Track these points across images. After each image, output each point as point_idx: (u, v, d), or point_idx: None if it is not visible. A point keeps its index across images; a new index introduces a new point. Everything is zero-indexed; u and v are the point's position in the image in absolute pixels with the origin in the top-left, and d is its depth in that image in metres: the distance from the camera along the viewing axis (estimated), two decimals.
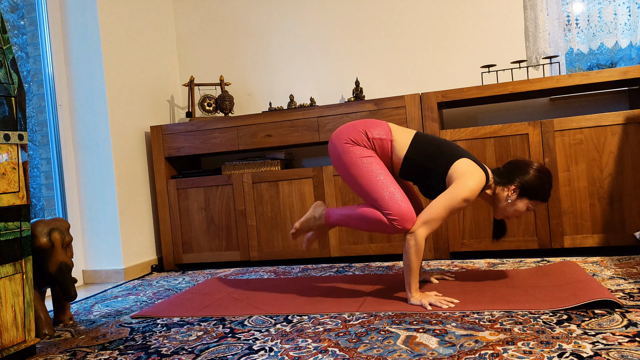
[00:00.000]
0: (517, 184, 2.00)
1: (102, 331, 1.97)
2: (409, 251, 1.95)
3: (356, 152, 2.03)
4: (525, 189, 1.99)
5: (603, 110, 3.04)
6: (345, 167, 2.05)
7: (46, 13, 3.01)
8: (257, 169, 3.16)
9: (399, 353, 1.47)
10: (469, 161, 2.00)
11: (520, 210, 2.02)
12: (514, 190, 2.01)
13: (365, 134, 2.06)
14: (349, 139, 2.06)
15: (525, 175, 2.00)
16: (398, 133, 2.08)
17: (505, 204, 2.03)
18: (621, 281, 2.06)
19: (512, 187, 2.01)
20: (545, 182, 2.00)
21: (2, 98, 1.64)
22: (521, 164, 2.04)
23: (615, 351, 1.35)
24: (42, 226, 1.98)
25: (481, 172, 1.98)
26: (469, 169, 1.97)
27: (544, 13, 3.09)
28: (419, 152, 2.03)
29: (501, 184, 2.04)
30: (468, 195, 1.92)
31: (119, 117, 3.14)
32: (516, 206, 2.02)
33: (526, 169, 2.01)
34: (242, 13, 3.68)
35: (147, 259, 3.27)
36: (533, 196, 2.00)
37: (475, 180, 1.94)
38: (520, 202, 2.01)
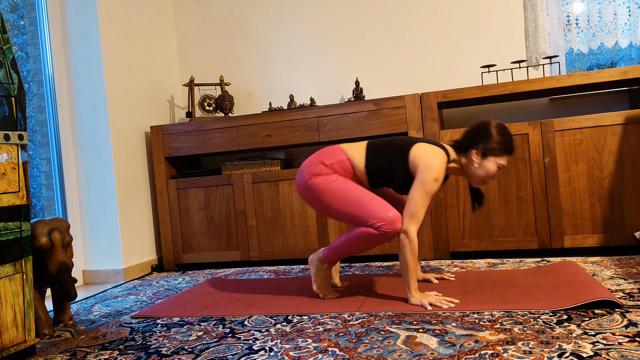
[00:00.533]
0: (478, 147, 2.03)
1: (102, 331, 1.97)
2: (404, 250, 1.96)
3: (321, 182, 2.07)
4: (488, 148, 2.02)
5: (603, 110, 3.04)
6: (318, 200, 2.09)
7: (46, 13, 3.01)
8: (257, 169, 3.16)
9: (399, 353, 1.47)
10: (423, 144, 2.06)
11: (491, 170, 2.04)
12: (477, 154, 2.03)
13: (322, 164, 2.10)
14: (310, 175, 2.10)
15: (484, 136, 2.03)
16: (352, 149, 2.14)
17: (474, 168, 2.05)
18: (621, 281, 2.06)
19: (474, 152, 2.04)
20: (504, 136, 2.02)
21: (2, 98, 1.64)
22: (476, 127, 2.07)
23: (615, 351, 1.35)
24: (42, 226, 1.98)
25: (439, 150, 2.04)
26: (425, 151, 2.02)
27: (544, 13, 3.09)
28: (376, 157, 2.09)
29: (464, 153, 2.07)
30: (435, 174, 1.97)
31: (119, 117, 3.14)
32: (486, 167, 2.04)
33: (482, 130, 2.04)
34: (242, 13, 3.68)
35: (147, 259, 3.27)
36: (497, 152, 2.02)
37: (436, 158, 2.00)
38: (488, 162, 2.03)
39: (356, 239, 2.04)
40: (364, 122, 2.94)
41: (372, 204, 2.00)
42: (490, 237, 2.76)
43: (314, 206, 2.12)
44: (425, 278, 2.31)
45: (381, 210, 1.98)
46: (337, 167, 2.09)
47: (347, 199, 2.03)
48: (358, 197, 2.02)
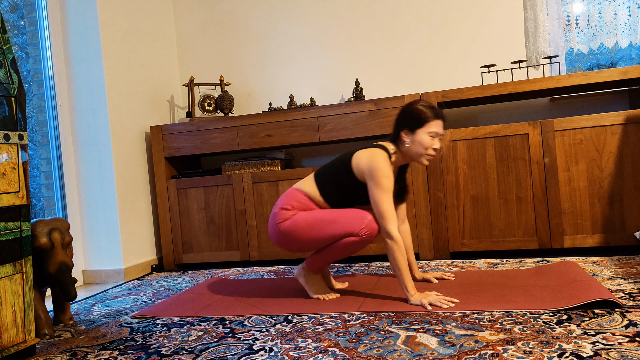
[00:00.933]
0: (403, 129, 2.07)
1: (102, 331, 1.97)
2: (392, 251, 1.97)
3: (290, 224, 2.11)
4: (411, 124, 2.05)
5: (603, 110, 3.04)
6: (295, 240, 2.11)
7: (46, 13, 3.01)
8: (257, 169, 3.16)
9: (399, 353, 1.47)
10: (359, 151, 2.10)
11: (426, 141, 2.05)
12: (406, 134, 2.07)
13: (284, 209, 2.14)
14: (278, 224, 2.14)
15: (404, 116, 2.08)
16: (305, 185, 2.18)
17: (410, 147, 2.08)
18: (621, 281, 2.06)
19: (403, 134, 2.07)
20: (421, 105, 2.06)
21: (2, 98, 1.64)
22: (399, 112, 2.12)
23: (615, 351, 1.35)
24: (42, 226, 1.98)
25: (376, 149, 2.07)
26: (363, 157, 2.07)
27: (544, 13, 3.09)
28: (326, 183, 2.14)
29: (397, 140, 2.11)
30: (382, 172, 2.00)
31: (119, 117, 3.14)
32: (419, 141, 2.05)
33: (402, 112, 2.10)
34: (242, 13, 3.68)
35: (147, 259, 3.27)
36: (422, 122, 2.04)
37: (376, 158, 2.03)
38: (419, 136, 2.05)
39: (340, 248, 2.07)
40: (364, 122, 2.94)
41: (346, 217, 2.05)
42: (490, 237, 2.76)
43: (296, 248, 2.15)
44: (425, 278, 2.31)
45: (357, 219, 2.03)
46: (298, 206, 2.13)
47: (320, 224, 2.06)
48: (328, 217, 2.07)
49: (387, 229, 1.97)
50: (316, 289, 2.18)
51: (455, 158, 2.80)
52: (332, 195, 2.13)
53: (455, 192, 2.81)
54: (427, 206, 2.84)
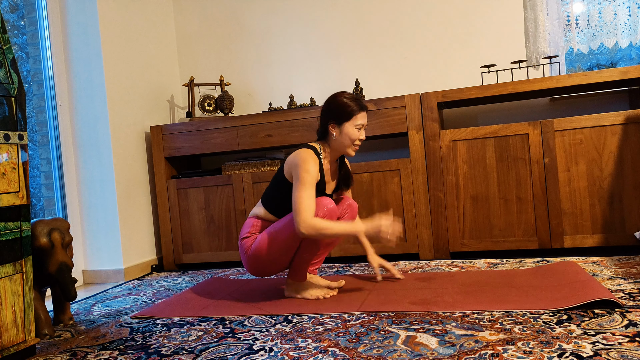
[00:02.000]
0: (329, 123, 2.10)
1: (102, 331, 1.97)
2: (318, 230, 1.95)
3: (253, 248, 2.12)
4: (337, 118, 2.08)
5: (603, 110, 3.04)
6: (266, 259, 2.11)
7: (46, 13, 3.01)
8: (257, 169, 3.16)
9: (399, 353, 1.47)
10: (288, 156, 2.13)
11: (352, 134, 2.09)
12: (333, 128, 2.10)
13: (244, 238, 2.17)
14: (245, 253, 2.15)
15: (328, 111, 2.11)
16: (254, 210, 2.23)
17: (337, 140, 2.11)
18: (621, 281, 2.06)
19: (330, 128, 2.10)
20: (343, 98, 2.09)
21: (2, 98, 1.64)
22: (324, 105, 2.15)
23: (615, 351, 1.35)
24: (42, 226, 1.98)
25: (302, 149, 2.10)
26: (289, 158, 2.10)
27: (544, 13, 3.09)
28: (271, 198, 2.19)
29: (324, 138, 2.15)
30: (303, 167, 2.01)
31: (119, 117, 3.14)
32: (346, 134, 2.09)
33: (325, 106, 2.13)
34: (242, 13, 3.68)
35: (147, 259, 3.27)
36: (347, 116, 2.08)
37: (300, 155, 2.06)
38: (345, 129, 2.09)
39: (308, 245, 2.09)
40: None
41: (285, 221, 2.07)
42: (490, 237, 2.76)
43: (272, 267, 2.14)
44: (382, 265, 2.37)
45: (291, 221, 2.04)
46: (255, 231, 2.17)
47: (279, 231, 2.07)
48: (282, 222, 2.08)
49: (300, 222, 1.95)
50: (312, 293, 2.18)
51: (455, 158, 2.80)
52: (280, 209, 2.15)
53: (455, 192, 2.81)
54: (427, 206, 2.84)
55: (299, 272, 2.16)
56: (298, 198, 1.98)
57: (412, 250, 2.87)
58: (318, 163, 2.08)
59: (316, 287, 2.20)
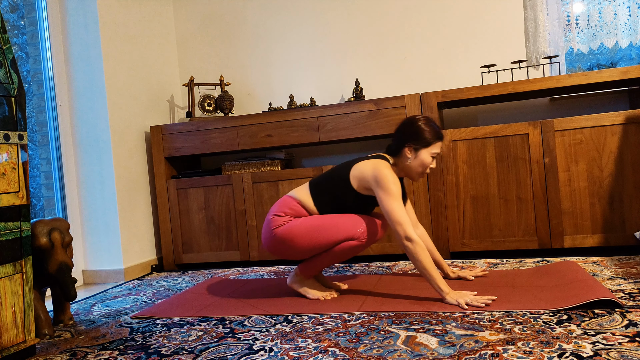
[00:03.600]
0: (408, 144, 2.08)
1: (102, 331, 1.97)
2: (416, 254, 1.95)
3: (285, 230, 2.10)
4: (417, 142, 2.07)
5: (603, 110, 3.04)
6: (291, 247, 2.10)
7: (46, 13, 3.01)
8: (257, 169, 3.16)
9: (399, 353, 1.47)
10: (359, 163, 2.11)
11: (426, 161, 2.09)
12: (410, 151, 2.08)
13: (277, 216, 2.14)
14: (272, 230, 2.13)
15: (410, 132, 2.08)
16: (299, 193, 2.18)
17: (411, 164, 2.10)
18: (621, 281, 2.06)
19: (406, 150, 2.09)
20: (429, 125, 2.08)
21: (2, 98, 1.64)
22: (403, 125, 2.13)
23: (615, 351, 1.35)
24: (42, 226, 1.98)
25: (377, 160, 2.09)
26: (366, 165, 2.08)
27: (544, 13, 3.09)
28: (321, 193, 2.14)
29: (398, 154, 2.12)
30: (389, 178, 2.01)
31: (119, 117, 3.14)
32: (421, 160, 2.09)
33: (408, 127, 2.10)
34: (242, 13, 3.68)
35: (147, 259, 3.27)
36: (426, 143, 2.07)
37: (382, 166, 2.05)
38: (421, 155, 2.08)
39: (339, 252, 2.08)
40: (364, 122, 2.94)
41: (344, 222, 2.06)
42: (490, 237, 2.76)
43: (291, 254, 2.14)
44: (460, 276, 2.30)
45: (355, 224, 2.06)
46: (291, 213, 2.14)
47: (318, 230, 2.06)
48: (326, 223, 2.07)
49: (406, 233, 1.96)
50: (314, 292, 2.18)
51: (455, 158, 2.80)
52: (326, 207, 2.14)
53: (455, 192, 2.81)
54: (427, 206, 2.84)
55: (313, 270, 2.16)
56: (394, 210, 1.98)
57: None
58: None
59: (318, 287, 2.20)
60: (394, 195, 1.99)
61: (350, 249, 2.06)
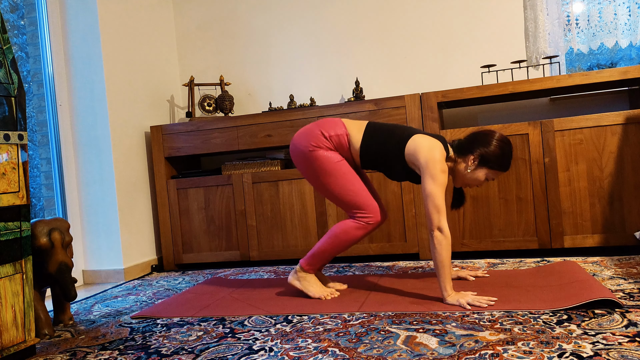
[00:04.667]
0: (477, 154, 2.02)
1: (102, 331, 1.97)
2: (440, 247, 1.92)
3: (324, 159, 2.09)
4: (485, 159, 2.01)
5: (603, 110, 3.04)
6: (316, 175, 2.11)
7: (46, 13, 3.01)
8: (257, 169, 3.16)
9: (399, 353, 1.47)
10: (422, 136, 2.05)
11: (480, 179, 2.05)
12: (474, 161, 2.03)
13: (322, 134, 2.11)
14: (311, 145, 2.11)
15: (486, 146, 2.01)
16: (351, 126, 2.15)
17: (465, 172, 2.06)
18: (621, 281, 2.06)
19: (471, 157, 2.03)
20: (506, 152, 2.02)
21: (2, 98, 1.64)
22: (482, 134, 2.06)
23: (615, 351, 1.35)
24: (42, 226, 1.98)
25: (437, 142, 2.03)
26: (424, 143, 2.02)
27: (544, 13, 3.09)
28: (373, 141, 2.11)
29: (462, 155, 2.06)
30: (439, 165, 1.97)
31: (119, 117, 3.14)
32: (475, 175, 2.05)
33: (487, 139, 2.02)
34: (242, 13, 3.69)
35: (147, 259, 3.27)
36: (492, 166, 2.02)
37: (436, 150, 1.99)
38: (480, 172, 2.04)
39: (340, 237, 2.08)
40: None
41: (366, 197, 2.08)
42: (490, 237, 2.76)
43: (309, 177, 2.14)
44: (460, 276, 2.29)
45: (372, 204, 2.08)
46: (335, 140, 2.11)
47: (346, 186, 2.08)
48: (356, 187, 2.09)
49: (440, 222, 1.93)
50: (315, 290, 2.17)
51: None
52: (368, 155, 2.11)
53: None
54: None
55: (317, 263, 2.16)
56: (435, 196, 1.94)
57: (412, 250, 2.87)
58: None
59: (319, 285, 2.20)
60: (440, 182, 1.95)
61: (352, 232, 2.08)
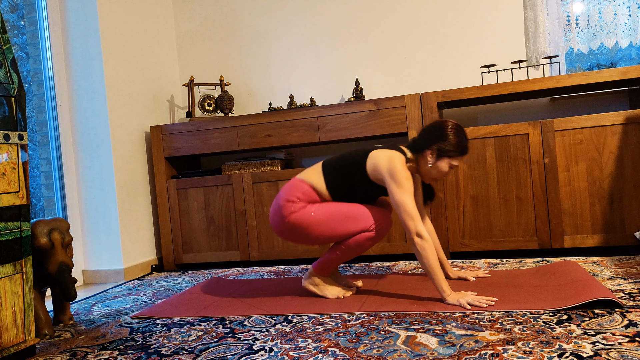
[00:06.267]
0: (433, 148, 2.05)
1: (102, 331, 1.97)
2: (424, 251, 1.94)
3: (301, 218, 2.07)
4: (443, 150, 2.04)
5: (603, 110, 3.04)
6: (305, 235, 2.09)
7: (46, 13, 3.01)
8: (257, 169, 3.16)
9: (399, 353, 1.47)
10: (377, 151, 2.09)
11: (444, 170, 2.07)
12: (432, 155, 2.06)
13: (290, 201, 2.10)
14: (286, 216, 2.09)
15: (440, 137, 2.04)
16: (310, 176, 2.15)
17: (428, 168, 2.08)
18: (621, 281, 2.06)
19: (429, 152, 2.06)
20: (460, 138, 2.04)
21: (2, 98, 1.64)
22: (433, 127, 2.08)
23: (615, 351, 1.35)
24: (42, 226, 1.98)
25: (394, 152, 2.07)
26: (381, 156, 2.05)
27: (544, 13, 3.09)
28: (335, 177, 2.12)
29: (419, 153, 2.09)
30: (403, 173, 2.00)
31: (119, 117, 3.14)
32: (438, 168, 2.07)
33: (439, 131, 2.05)
34: (242, 13, 3.68)
35: (147, 259, 3.27)
36: (452, 154, 2.04)
37: (395, 160, 2.02)
38: (441, 163, 2.06)
39: (353, 245, 2.07)
40: (364, 122, 2.94)
41: (360, 214, 2.06)
42: (490, 237, 2.76)
43: (305, 241, 2.12)
44: (461, 277, 2.29)
45: (370, 215, 2.05)
46: (303, 198, 2.10)
47: (336, 219, 2.05)
48: (343, 212, 2.07)
49: (417, 228, 1.95)
50: (332, 291, 2.17)
51: None
52: (338, 191, 2.11)
53: (455, 192, 2.81)
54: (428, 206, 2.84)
55: (328, 268, 2.15)
56: (405, 204, 1.96)
57: (412, 250, 2.87)
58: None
59: (336, 285, 2.19)
60: (407, 190, 1.98)
61: (365, 240, 2.05)
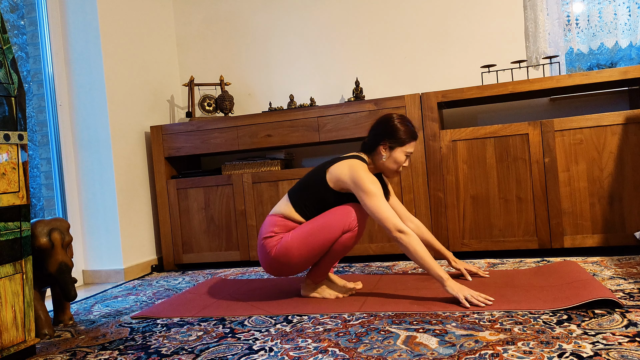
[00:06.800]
0: (384, 143, 2.10)
1: (102, 331, 1.97)
2: (410, 244, 1.95)
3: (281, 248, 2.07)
4: (393, 142, 2.09)
5: (603, 110, 3.04)
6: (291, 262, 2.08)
7: (46, 13, 3.01)
8: (257, 169, 3.16)
9: (399, 353, 1.47)
10: (334, 165, 2.11)
11: (400, 159, 2.11)
12: (384, 149, 2.10)
13: (267, 237, 2.11)
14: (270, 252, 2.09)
15: (387, 132, 2.10)
16: (280, 208, 2.16)
17: (385, 162, 2.12)
18: (621, 281, 2.06)
19: (381, 148, 2.11)
20: (406, 126, 2.10)
21: (2, 98, 1.64)
22: (379, 123, 2.15)
23: (615, 351, 1.35)
24: (42, 226, 1.98)
25: (352, 160, 2.10)
26: (342, 167, 2.09)
27: (544, 13, 3.09)
28: (303, 201, 2.13)
29: (373, 151, 2.14)
30: (367, 179, 2.02)
31: (119, 117, 3.14)
32: (394, 159, 2.11)
33: (384, 126, 2.11)
34: (242, 13, 3.68)
35: (147, 259, 3.27)
36: (403, 142, 2.09)
37: (358, 167, 2.06)
38: (396, 154, 2.11)
39: (340, 250, 2.07)
40: (364, 122, 2.94)
41: (334, 219, 2.04)
42: (490, 237, 2.76)
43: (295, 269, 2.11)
44: (460, 269, 2.30)
45: (344, 215, 2.04)
46: (280, 230, 2.11)
47: (313, 235, 2.04)
48: (317, 225, 2.06)
49: (396, 226, 1.96)
50: (331, 292, 2.18)
51: (455, 158, 2.80)
52: (310, 212, 2.13)
53: (455, 192, 2.81)
54: (427, 206, 2.84)
55: (322, 274, 2.16)
56: (379, 208, 1.98)
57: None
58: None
59: (335, 286, 2.20)
60: (375, 194, 2.00)
61: (349, 240, 2.05)
